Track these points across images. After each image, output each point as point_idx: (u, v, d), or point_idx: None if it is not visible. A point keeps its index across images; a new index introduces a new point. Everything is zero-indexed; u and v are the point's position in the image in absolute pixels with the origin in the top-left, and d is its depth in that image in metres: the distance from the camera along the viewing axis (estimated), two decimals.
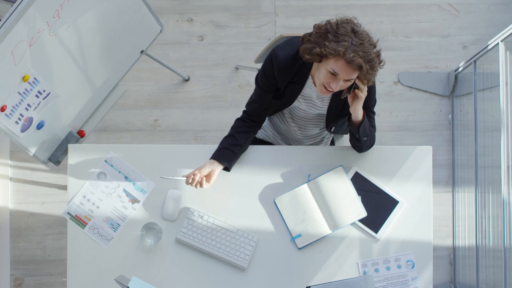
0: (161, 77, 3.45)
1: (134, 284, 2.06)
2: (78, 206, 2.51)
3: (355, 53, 2.11)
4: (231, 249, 2.47)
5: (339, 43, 2.12)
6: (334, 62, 2.14)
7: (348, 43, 2.11)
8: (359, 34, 2.13)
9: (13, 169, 3.37)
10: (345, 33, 2.12)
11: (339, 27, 2.14)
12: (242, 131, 2.47)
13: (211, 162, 2.44)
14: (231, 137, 2.47)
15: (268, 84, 2.38)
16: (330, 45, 2.13)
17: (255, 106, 2.46)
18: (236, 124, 2.49)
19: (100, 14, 2.48)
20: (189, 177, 2.40)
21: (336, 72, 2.15)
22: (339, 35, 2.12)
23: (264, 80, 2.37)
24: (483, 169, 3.10)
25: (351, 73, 2.15)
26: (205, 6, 3.49)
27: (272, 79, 2.35)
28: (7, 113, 2.32)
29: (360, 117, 2.33)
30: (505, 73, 2.75)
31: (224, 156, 2.45)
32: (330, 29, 2.15)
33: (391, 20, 3.51)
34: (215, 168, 2.43)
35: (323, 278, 2.48)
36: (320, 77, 2.21)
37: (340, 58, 2.13)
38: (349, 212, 2.48)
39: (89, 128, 2.78)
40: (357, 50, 2.11)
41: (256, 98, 2.44)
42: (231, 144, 2.45)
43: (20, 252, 3.32)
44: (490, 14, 3.50)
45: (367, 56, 2.12)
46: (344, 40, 2.12)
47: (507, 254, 2.72)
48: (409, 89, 3.46)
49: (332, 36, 2.13)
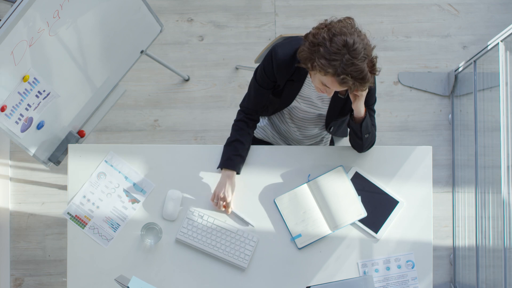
0: (161, 77, 3.45)
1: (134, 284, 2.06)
2: (78, 206, 2.51)
3: (345, 75, 2.06)
4: (231, 249, 2.47)
5: (329, 62, 2.06)
6: (325, 77, 2.12)
7: (339, 63, 2.05)
8: (352, 49, 2.05)
9: (13, 169, 3.37)
10: (337, 51, 2.05)
11: (332, 41, 2.06)
12: (246, 134, 2.47)
13: (228, 175, 2.44)
14: (238, 142, 2.46)
15: (267, 81, 2.37)
16: (320, 62, 2.08)
17: (254, 103, 2.45)
18: (238, 127, 2.48)
19: (100, 14, 2.48)
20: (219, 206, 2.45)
21: (327, 85, 2.15)
22: (331, 53, 2.06)
23: (263, 77, 2.37)
24: (483, 169, 3.10)
25: (342, 88, 2.14)
26: (205, 6, 3.49)
27: (272, 76, 2.35)
28: (7, 113, 2.32)
29: (362, 113, 2.33)
30: (505, 73, 2.75)
31: (238, 164, 2.46)
32: (323, 43, 2.08)
33: (391, 20, 3.51)
34: (233, 179, 2.45)
35: (323, 278, 2.48)
36: (315, 83, 2.20)
37: (330, 75, 2.10)
38: (349, 212, 2.48)
39: (89, 128, 2.78)
40: (348, 70, 2.06)
41: (254, 95, 2.43)
42: (240, 149, 2.46)
43: (20, 252, 3.32)
44: (490, 14, 3.51)
45: (358, 75, 2.07)
46: (334, 60, 2.06)
47: (507, 254, 2.72)
48: (409, 89, 3.46)
49: (324, 52, 2.07)
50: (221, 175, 2.47)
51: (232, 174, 2.46)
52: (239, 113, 2.50)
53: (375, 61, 2.14)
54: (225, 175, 2.45)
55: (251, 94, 2.44)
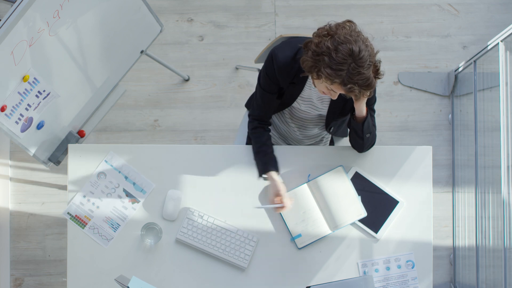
0: (161, 77, 3.45)
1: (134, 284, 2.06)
2: (78, 206, 2.51)
3: (352, 83, 2.06)
4: (231, 249, 2.47)
5: (335, 72, 2.05)
6: (331, 84, 2.12)
7: (345, 72, 2.05)
8: (358, 57, 2.04)
9: (13, 169, 3.37)
10: (343, 60, 2.04)
11: (338, 51, 2.04)
12: (266, 137, 2.48)
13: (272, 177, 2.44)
14: (264, 146, 2.47)
15: (272, 86, 2.38)
16: (326, 72, 2.07)
17: (264, 110, 2.45)
18: (257, 134, 2.48)
19: (100, 14, 2.48)
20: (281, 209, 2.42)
21: (333, 90, 2.15)
22: (336, 62, 2.04)
23: (267, 81, 2.37)
24: (483, 169, 3.10)
25: (347, 94, 2.15)
26: (205, 6, 3.49)
27: (275, 80, 2.35)
28: (7, 113, 2.32)
29: (364, 113, 2.33)
30: (505, 73, 2.75)
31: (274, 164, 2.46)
32: (327, 52, 2.06)
33: (391, 20, 3.51)
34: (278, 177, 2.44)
35: (323, 278, 2.48)
36: (319, 87, 2.20)
37: (336, 84, 2.10)
38: (349, 212, 2.48)
39: (89, 128, 2.78)
40: (354, 79, 2.05)
41: (262, 101, 2.43)
42: (269, 152, 2.47)
43: (20, 252, 3.32)
44: (490, 14, 3.50)
45: (364, 83, 2.07)
46: (340, 70, 2.05)
47: (507, 254, 2.72)
48: (409, 89, 3.46)
49: (329, 61, 2.05)
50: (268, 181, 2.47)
51: (274, 174, 2.45)
52: (251, 122, 2.49)
53: (379, 65, 2.15)
54: (270, 178, 2.46)
55: (259, 101, 2.44)
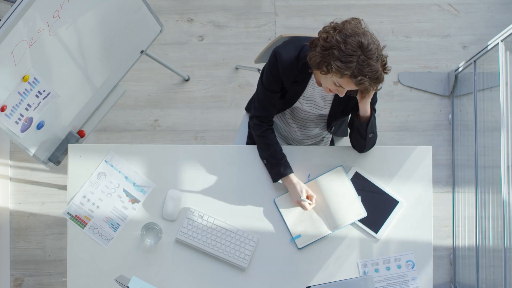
0: (161, 77, 3.45)
1: (134, 284, 2.06)
2: (78, 206, 2.51)
3: (362, 75, 2.08)
4: (231, 249, 2.47)
5: (345, 64, 2.07)
6: (340, 78, 2.13)
7: (355, 64, 2.07)
8: (367, 50, 2.07)
9: (13, 169, 3.37)
10: (352, 52, 2.07)
11: (347, 43, 2.07)
12: (273, 137, 2.48)
13: (288, 180, 2.45)
14: (273, 148, 2.47)
15: (275, 85, 2.37)
16: (336, 65, 2.08)
17: (267, 109, 2.45)
18: (263, 137, 2.48)
19: (100, 14, 2.48)
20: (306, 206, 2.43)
21: (342, 86, 2.16)
22: (346, 54, 2.07)
23: (271, 81, 2.37)
24: (483, 169, 3.10)
25: (357, 87, 2.16)
26: (205, 6, 3.49)
27: (279, 79, 2.35)
28: (7, 113, 2.32)
29: (369, 112, 2.34)
30: (505, 73, 2.75)
31: (287, 167, 2.46)
32: (336, 45, 2.09)
33: (391, 20, 3.51)
34: (295, 178, 2.45)
35: (323, 278, 2.48)
36: (326, 84, 2.21)
37: (347, 77, 2.11)
38: (349, 212, 2.48)
39: (89, 128, 2.78)
40: (364, 71, 2.08)
41: (265, 101, 2.43)
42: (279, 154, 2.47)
43: (20, 252, 3.32)
44: (490, 14, 3.50)
45: (374, 75, 2.10)
46: (350, 61, 2.07)
47: (507, 254, 2.72)
48: (409, 89, 3.46)
49: (339, 54, 2.08)
50: (286, 185, 2.48)
51: (291, 177, 2.46)
52: (258, 125, 2.48)
53: (385, 60, 2.17)
54: (287, 182, 2.46)
55: (262, 101, 2.44)
